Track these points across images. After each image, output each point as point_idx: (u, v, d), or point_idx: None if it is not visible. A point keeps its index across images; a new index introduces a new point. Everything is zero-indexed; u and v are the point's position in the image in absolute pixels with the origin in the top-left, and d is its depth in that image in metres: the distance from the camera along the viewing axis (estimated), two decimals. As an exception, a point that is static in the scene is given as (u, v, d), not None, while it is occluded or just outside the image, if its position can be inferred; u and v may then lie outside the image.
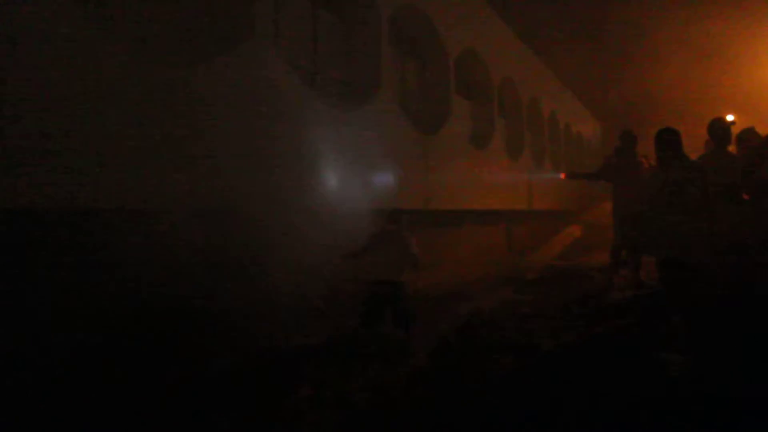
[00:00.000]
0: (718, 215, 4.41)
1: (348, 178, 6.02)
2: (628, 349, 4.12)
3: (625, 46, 19.12)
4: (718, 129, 5.30)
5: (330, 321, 4.93)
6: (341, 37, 7.02)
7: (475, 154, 9.57)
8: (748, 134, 5.52)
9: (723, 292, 4.19)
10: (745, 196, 4.82)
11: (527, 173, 12.00)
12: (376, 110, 6.91)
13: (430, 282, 6.35)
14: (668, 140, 4.45)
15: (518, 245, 10.80)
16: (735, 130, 5.72)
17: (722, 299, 4.11)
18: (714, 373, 3.33)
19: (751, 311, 3.92)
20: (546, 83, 14.57)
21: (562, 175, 8.82)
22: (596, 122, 20.31)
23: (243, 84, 4.89)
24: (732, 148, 5.55)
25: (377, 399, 3.69)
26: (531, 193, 12.09)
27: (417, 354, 4.42)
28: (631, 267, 6.45)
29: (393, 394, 3.74)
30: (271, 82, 5.22)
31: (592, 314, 5.32)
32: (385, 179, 6.68)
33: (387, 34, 7.23)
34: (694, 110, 12.94)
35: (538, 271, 8.19)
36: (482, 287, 7.02)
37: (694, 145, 6.13)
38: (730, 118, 9.37)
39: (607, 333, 4.75)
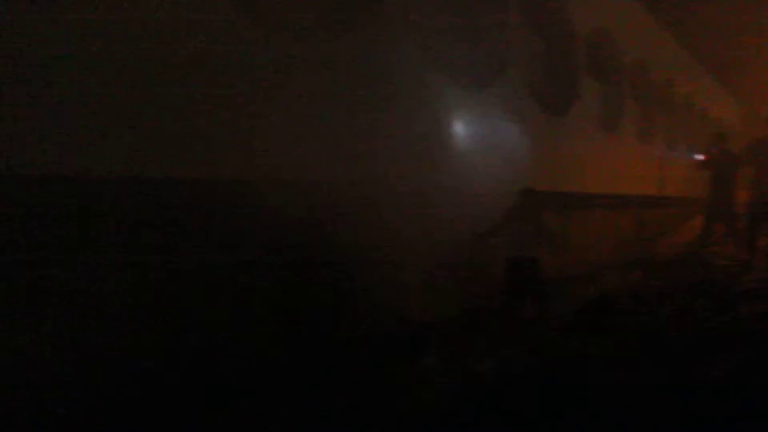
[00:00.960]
0: None
1: (477, 158, 6.09)
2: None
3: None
4: None
5: (463, 297, 5.06)
6: (468, 16, 7.04)
7: (605, 136, 9.30)
8: None
9: None
10: None
11: (658, 157, 11.50)
12: (503, 91, 6.90)
13: (558, 263, 6.32)
14: None
15: (648, 231, 10.40)
16: None
17: None
18: None
19: None
20: (682, 65, 13.81)
21: (705, 157, 8.42)
22: (739, 106, 19.02)
23: (374, 64, 5.07)
24: None
25: (503, 372, 3.77)
26: (662, 178, 11.57)
27: (545, 332, 4.46)
28: None
29: (518, 370, 3.81)
30: (400, 62, 5.38)
31: (721, 303, 5.13)
32: (513, 159, 6.67)
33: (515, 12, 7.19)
34: None
35: (668, 257, 7.94)
36: (611, 271, 6.90)
37: None
38: None
39: (739, 320, 4.57)
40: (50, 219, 3.19)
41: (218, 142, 3.88)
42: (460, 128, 5.87)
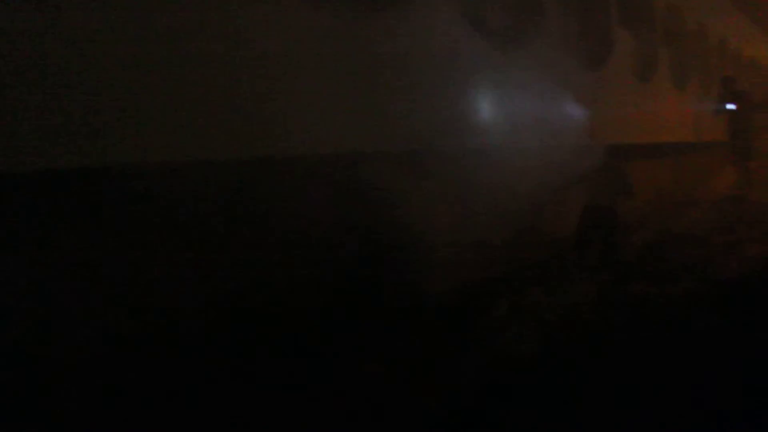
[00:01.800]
0: None
1: (516, 114, 6.24)
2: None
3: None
4: None
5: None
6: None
7: (639, 86, 9.32)
8: None
9: None
10: None
11: (694, 104, 11.44)
12: (539, 47, 6.98)
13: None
14: None
15: (689, 177, 10.45)
16: None
17: None
18: None
19: None
20: (715, 7, 13.59)
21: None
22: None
23: (419, 32, 5.21)
24: None
25: (569, 317, 3.98)
26: (700, 124, 11.53)
27: (604, 278, 4.66)
28: None
29: (583, 314, 4.01)
30: (444, 28, 5.51)
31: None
32: (551, 114, 6.79)
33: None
34: None
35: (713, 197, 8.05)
36: (665, 214, 7.07)
37: None
38: None
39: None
40: None
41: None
42: (504, 87, 6.00)
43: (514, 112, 5.94)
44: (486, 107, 5.66)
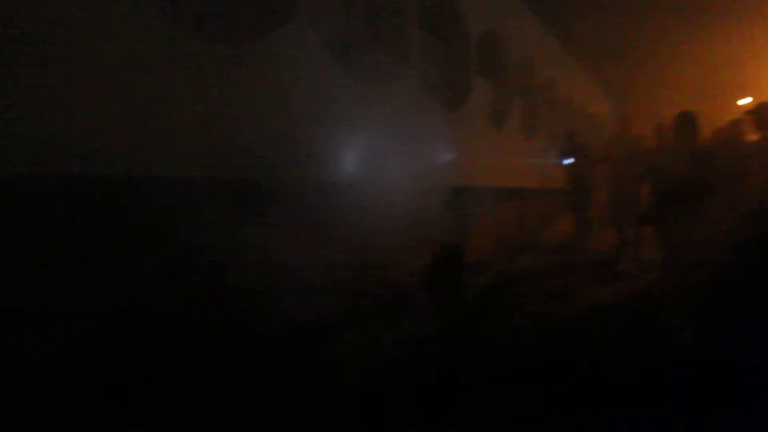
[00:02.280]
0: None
1: (375, 152, 6.44)
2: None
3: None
4: None
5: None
6: (371, 16, 7.33)
7: (492, 132, 9.91)
8: None
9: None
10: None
11: (541, 153, 12.29)
12: (401, 87, 7.27)
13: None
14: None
15: (534, 222, 11.15)
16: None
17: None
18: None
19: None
20: (564, 64, 14.82)
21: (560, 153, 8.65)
22: (614, 104, 20.53)
23: (283, 63, 5.26)
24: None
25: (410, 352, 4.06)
26: (545, 171, 12.38)
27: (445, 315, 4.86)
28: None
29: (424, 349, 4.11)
30: (309, 61, 5.60)
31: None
32: (410, 154, 7.04)
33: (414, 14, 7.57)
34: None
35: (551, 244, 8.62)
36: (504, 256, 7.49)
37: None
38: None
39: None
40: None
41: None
42: (363, 125, 6.16)
43: (364, 149, 6.10)
44: (335, 142, 5.77)
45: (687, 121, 4.51)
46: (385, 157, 6.35)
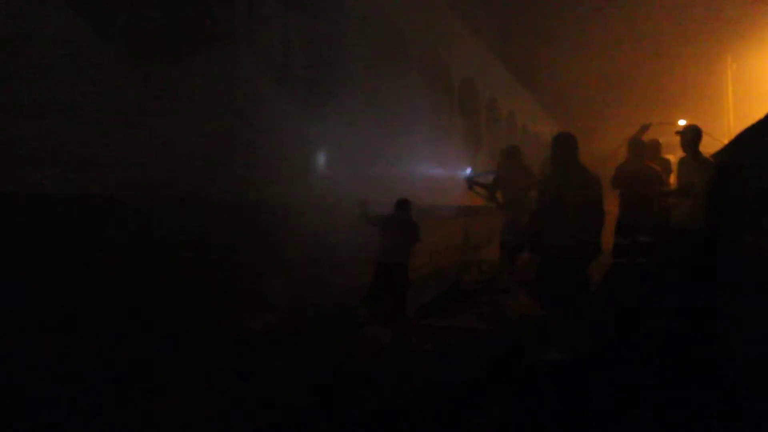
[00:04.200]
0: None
1: (319, 171, 6.48)
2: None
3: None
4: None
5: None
6: (310, 37, 7.38)
7: (439, 152, 10.05)
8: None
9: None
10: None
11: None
12: (342, 108, 7.33)
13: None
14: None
15: (475, 239, 11.27)
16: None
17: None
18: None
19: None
20: (504, 83, 15.17)
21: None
22: (554, 122, 20.99)
23: (220, 82, 5.27)
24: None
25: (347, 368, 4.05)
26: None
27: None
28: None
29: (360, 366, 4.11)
30: (246, 81, 5.61)
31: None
32: (354, 173, 7.08)
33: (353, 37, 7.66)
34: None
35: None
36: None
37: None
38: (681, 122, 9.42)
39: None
40: None
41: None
42: (300, 143, 6.21)
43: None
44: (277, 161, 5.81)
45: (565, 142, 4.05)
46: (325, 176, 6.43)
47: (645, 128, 7.07)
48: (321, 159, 6.45)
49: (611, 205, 5.00)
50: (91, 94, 4.17)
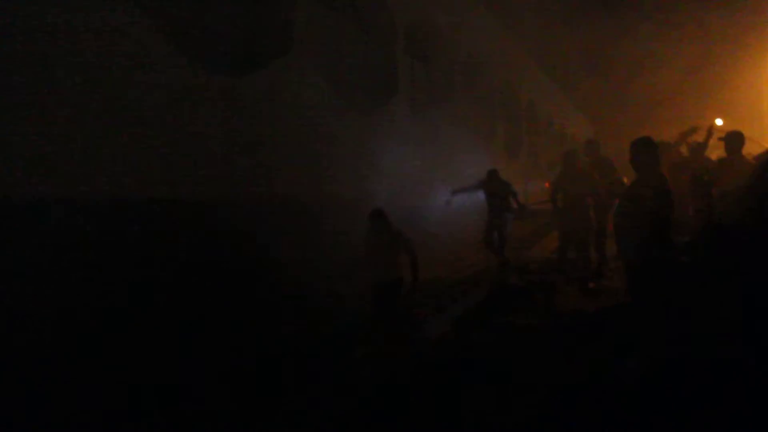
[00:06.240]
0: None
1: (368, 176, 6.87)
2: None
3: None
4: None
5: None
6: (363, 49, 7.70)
7: (473, 152, 10.36)
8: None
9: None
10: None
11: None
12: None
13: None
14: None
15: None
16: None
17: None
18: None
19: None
20: (543, 87, 16.72)
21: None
22: (591, 126, 21.30)
23: (283, 92, 5.69)
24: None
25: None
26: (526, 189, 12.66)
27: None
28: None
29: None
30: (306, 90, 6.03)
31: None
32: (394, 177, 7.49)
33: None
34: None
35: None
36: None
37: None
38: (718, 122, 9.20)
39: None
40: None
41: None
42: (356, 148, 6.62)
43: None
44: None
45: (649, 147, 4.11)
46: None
47: (692, 130, 7.19)
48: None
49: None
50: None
